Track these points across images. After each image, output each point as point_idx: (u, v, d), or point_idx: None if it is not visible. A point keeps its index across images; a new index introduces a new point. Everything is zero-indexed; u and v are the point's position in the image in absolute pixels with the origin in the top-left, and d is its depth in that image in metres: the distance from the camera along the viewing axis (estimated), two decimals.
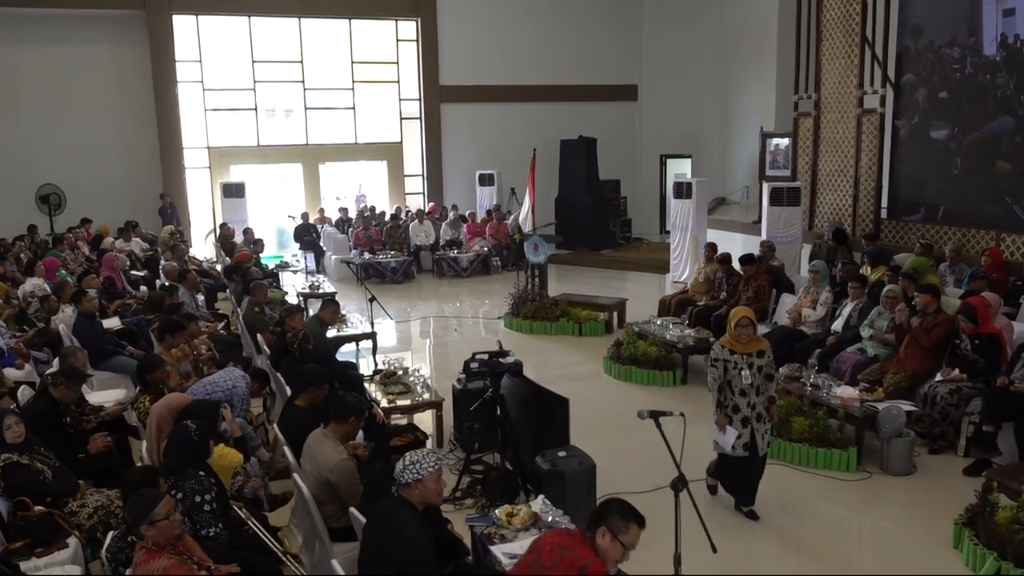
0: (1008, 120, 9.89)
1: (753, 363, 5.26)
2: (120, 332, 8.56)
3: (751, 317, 5.33)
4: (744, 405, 5.30)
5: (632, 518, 3.23)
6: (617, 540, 3.17)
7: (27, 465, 4.63)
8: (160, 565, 3.29)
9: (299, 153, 18.17)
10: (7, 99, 15.80)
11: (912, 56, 11.14)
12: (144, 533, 3.34)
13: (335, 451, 4.31)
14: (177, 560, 3.35)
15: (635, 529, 3.22)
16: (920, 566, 5.00)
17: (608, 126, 19.32)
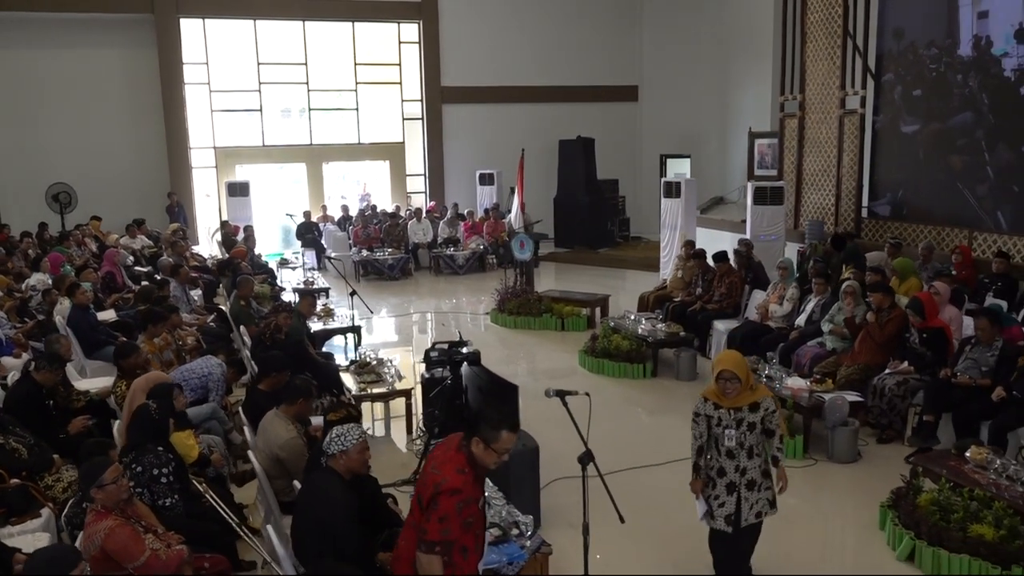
0: (968, 115, 10.16)
1: (743, 419, 4.32)
2: (115, 324, 8.97)
3: (736, 370, 4.29)
4: (731, 468, 4.36)
5: (504, 425, 3.39)
6: (490, 448, 3.37)
7: (1, 444, 5.00)
8: (106, 525, 3.63)
9: (303, 153, 18.60)
10: (20, 100, 16.34)
11: (894, 56, 11.34)
12: (94, 496, 3.69)
13: (285, 430, 4.65)
14: (123, 521, 3.69)
15: (505, 435, 3.38)
16: (845, 547, 5.27)
17: (608, 126, 19.59)
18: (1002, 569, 4.53)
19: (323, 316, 9.78)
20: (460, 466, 3.38)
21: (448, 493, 3.30)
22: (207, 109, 17.66)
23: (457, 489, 3.32)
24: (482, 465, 3.40)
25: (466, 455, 3.40)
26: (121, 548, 3.58)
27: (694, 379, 8.56)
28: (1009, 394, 5.96)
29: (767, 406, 4.37)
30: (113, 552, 3.58)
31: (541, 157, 18.79)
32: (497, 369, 9.03)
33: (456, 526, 3.32)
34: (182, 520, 4.42)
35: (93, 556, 3.62)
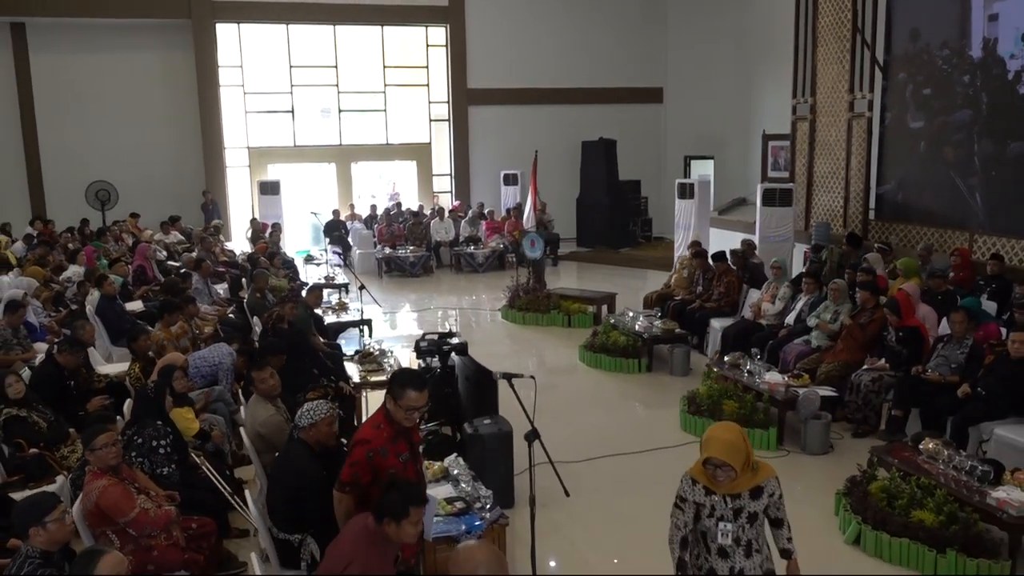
0: (967, 113, 10.36)
1: (743, 508, 3.38)
2: (141, 314, 9.56)
3: (729, 458, 3.29)
4: (725, 569, 3.42)
5: (409, 385, 3.78)
6: (398, 404, 3.77)
7: (24, 417, 5.54)
8: (100, 484, 4.10)
9: (333, 153, 19.20)
10: (64, 102, 17.19)
11: (908, 57, 11.42)
12: (88, 458, 4.17)
13: (264, 409, 5.10)
14: (116, 481, 4.16)
15: (410, 393, 3.76)
16: (799, 530, 5.51)
17: (632, 127, 19.86)
18: (937, 552, 4.79)
19: (337, 309, 10.26)
20: (377, 422, 3.85)
21: (359, 443, 3.77)
22: (241, 110, 18.34)
23: (366, 439, 3.77)
24: (398, 421, 3.80)
25: (383, 413, 3.83)
26: (112, 504, 4.05)
27: (687, 374, 8.85)
28: (974, 390, 6.18)
29: (771, 490, 3.42)
30: (106, 508, 4.05)
31: (564, 158, 19.15)
32: (500, 362, 9.52)
33: (365, 471, 3.72)
34: (178, 488, 4.88)
35: (89, 511, 4.10)
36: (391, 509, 3.35)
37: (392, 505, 3.36)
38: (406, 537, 3.42)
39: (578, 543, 5.46)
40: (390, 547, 3.45)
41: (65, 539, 3.46)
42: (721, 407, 7.06)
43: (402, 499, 3.37)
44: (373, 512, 3.42)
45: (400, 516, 3.35)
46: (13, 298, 8.34)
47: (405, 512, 3.36)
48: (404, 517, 3.36)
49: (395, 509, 3.35)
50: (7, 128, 17.12)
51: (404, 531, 3.38)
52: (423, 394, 3.78)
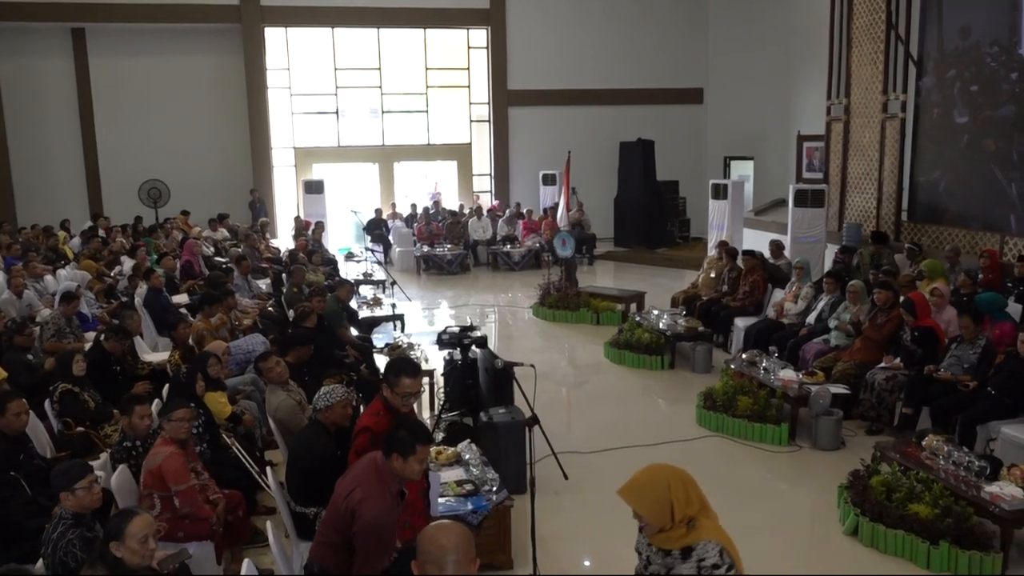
0: (1010, 109, 10.33)
1: (672, 567, 2.99)
2: (187, 306, 10.05)
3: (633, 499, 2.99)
4: None
5: (403, 372, 4.10)
6: (394, 391, 4.06)
7: (77, 394, 5.99)
8: (167, 450, 4.54)
9: (376, 153, 19.68)
10: (119, 104, 17.99)
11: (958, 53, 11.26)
12: (164, 426, 4.64)
13: (276, 396, 5.48)
14: (179, 453, 4.58)
15: (406, 380, 4.07)
16: (801, 521, 5.71)
17: (671, 128, 19.95)
18: (930, 544, 4.92)
19: (372, 304, 10.63)
20: (376, 410, 4.14)
21: (361, 430, 4.07)
22: (288, 112, 18.93)
23: (367, 427, 4.07)
24: (395, 407, 4.08)
25: (382, 401, 4.11)
26: (172, 471, 4.46)
27: (709, 372, 8.99)
28: (982, 388, 6.25)
29: (703, 554, 2.92)
30: (166, 472, 4.46)
31: (602, 159, 19.35)
32: (528, 356, 9.81)
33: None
34: (209, 466, 5.25)
35: (150, 470, 4.53)
36: (399, 445, 3.56)
37: (401, 441, 3.56)
38: (411, 474, 3.61)
39: (583, 527, 5.70)
40: (393, 481, 3.63)
41: (94, 505, 3.81)
42: (736, 403, 7.23)
43: (410, 436, 3.58)
44: (383, 448, 3.64)
45: (407, 452, 3.55)
46: (68, 290, 8.88)
47: (412, 449, 3.56)
48: (411, 454, 3.56)
49: (403, 445, 3.55)
50: (68, 129, 17.97)
51: (410, 467, 3.57)
52: (417, 380, 4.07)
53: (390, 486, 3.60)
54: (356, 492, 3.52)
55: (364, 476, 3.59)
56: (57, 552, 3.60)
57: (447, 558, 2.56)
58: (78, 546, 3.60)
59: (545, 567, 4.89)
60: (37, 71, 17.70)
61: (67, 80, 17.83)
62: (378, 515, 3.47)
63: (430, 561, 2.57)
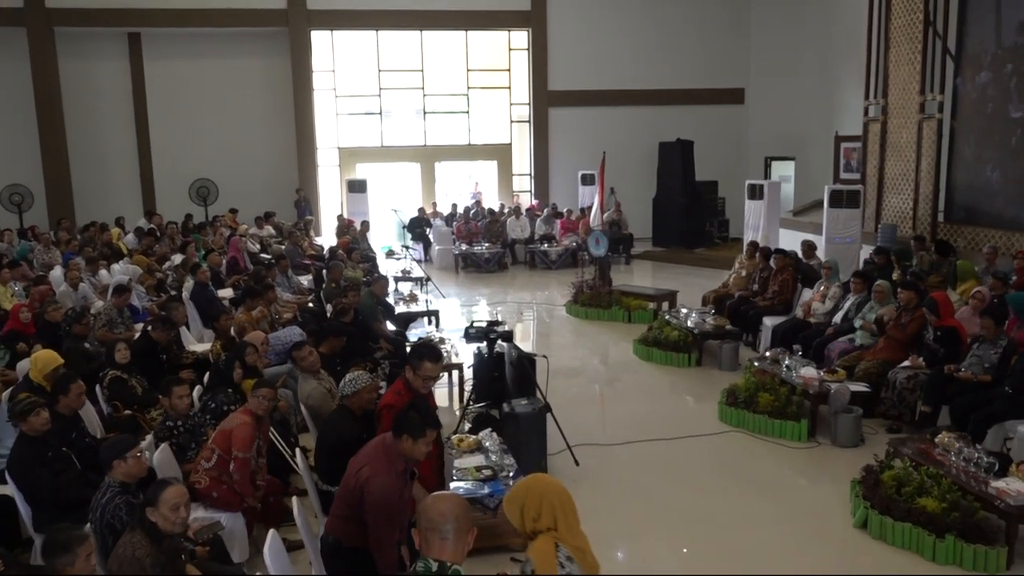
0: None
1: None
2: (231, 300, 10.49)
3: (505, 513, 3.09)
4: None
5: (426, 356, 4.45)
6: (416, 373, 4.38)
7: (124, 380, 6.39)
8: (243, 419, 4.97)
9: (418, 153, 20.08)
10: (172, 106, 18.67)
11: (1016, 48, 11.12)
12: (251, 399, 5.06)
13: (307, 384, 5.80)
14: (251, 425, 4.96)
15: (427, 364, 4.42)
16: (813, 513, 5.83)
17: (712, 128, 19.97)
18: (937, 537, 5.03)
19: (408, 300, 10.95)
20: (398, 389, 4.46)
21: (385, 407, 4.36)
22: (333, 113, 19.42)
23: (390, 405, 4.37)
24: (416, 388, 4.34)
25: (403, 381, 4.38)
26: (241, 437, 4.88)
27: (735, 370, 9.09)
28: (999, 387, 6.30)
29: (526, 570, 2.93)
30: (235, 436, 4.88)
31: (641, 159, 19.47)
32: (558, 353, 10.07)
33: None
34: None
35: (222, 430, 4.98)
36: (410, 427, 3.73)
37: (412, 424, 3.74)
38: (418, 455, 3.78)
39: (598, 516, 5.89)
40: (400, 460, 3.79)
41: (140, 474, 4.16)
42: (757, 399, 7.36)
43: (421, 419, 3.76)
44: (392, 428, 3.83)
45: (417, 434, 3.73)
46: (120, 283, 9.38)
47: (423, 432, 3.74)
48: (421, 436, 3.74)
49: (414, 427, 3.73)
50: (124, 130, 18.71)
51: (418, 448, 3.75)
52: (438, 365, 4.34)
53: (396, 465, 3.80)
54: (364, 470, 3.75)
55: (372, 455, 3.82)
56: (105, 515, 3.96)
57: (446, 525, 2.76)
58: (123, 510, 3.95)
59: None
60: (95, 74, 18.45)
61: (123, 83, 18.56)
62: (383, 492, 3.69)
63: (430, 528, 2.79)
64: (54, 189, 18.01)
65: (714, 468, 6.70)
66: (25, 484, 4.76)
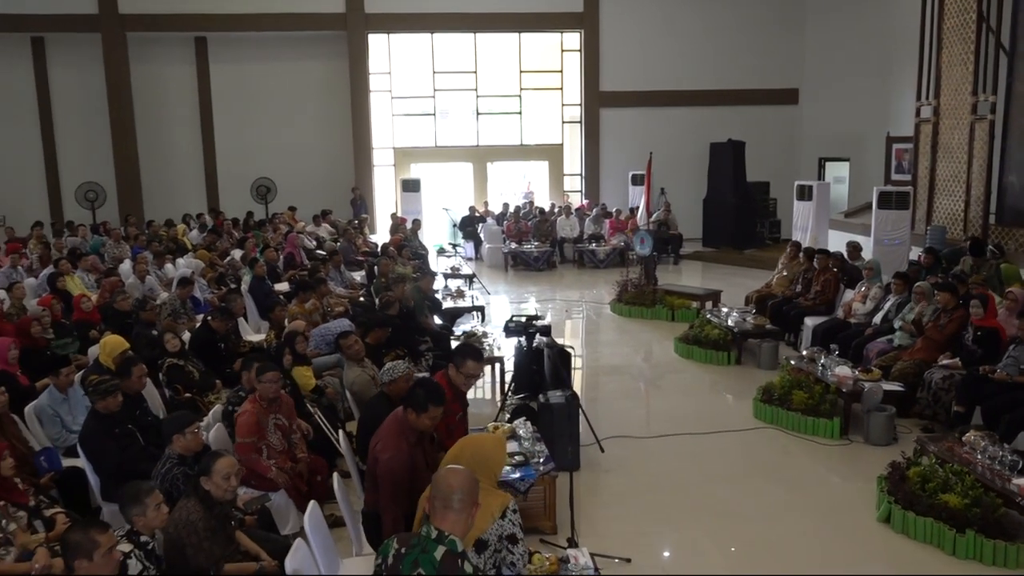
0: None
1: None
2: (287, 293, 10.97)
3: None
4: None
5: (469, 356, 4.77)
6: (459, 371, 4.69)
7: (182, 366, 6.84)
8: (244, 408, 5.33)
9: (471, 153, 20.45)
10: (235, 107, 19.42)
11: None
12: (257, 384, 5.40)
13: (352, 371, 6.14)
14: (253, 412, 5.28)
15: (471, 363, 4.73)
16: (838, 507, 5.95)
17: (764, 129, 19.88)
18: (957, 532, 5.13)
19: (456, 296, 11.28)
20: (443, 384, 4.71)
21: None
22: (388, 113, 19.92)
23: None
24: (456, 384, 4.64)
25: (446, 378, 4.69)
26: (240, 424, 5.24)
27: (774, 368, 9.17)
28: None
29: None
30: (237, 424, 5.24)
31: (692, 159, 19.50)
32: (600, 349, 10.31)
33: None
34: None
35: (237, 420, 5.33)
36: (414, 402, 4.17)
37: (416, 399, 4.17)
38: (423, 426, 4.21)
39: (627, 501, 6.12)
40: (410, 432, 4.22)
41: (196, 448, 4.56)
42: (791, 397, 7.47)
43: (425, 395, 4.19)
44: (402, 403, 4.23)
45: (420, 409, 4.14)
46: (184, 276, 9.94)
47: (425, 407, 4.14)
48: (424, 411, 4.14)
49: (417, 403, 4.15)
50: (191, 130, 19.52)
51: (422, 421, 4.17)
52: (480, 364, 4.72)
53: (407, 435, 4.20)
54: (378, 445, 4.18)
55: (385, 429, 4.25)
56: (164, 484, 4.36)
57: (453, 496, 3.06)
58: (180, 480, 4.35)
59: (587, 538, 5.34)
60: (164, 77, 19.29)
61: (190, 85, 19.35)
62: (392, 458, 4.08)
63: (437, 496, 3.08)
64: (125, 187, 18.90)
65: (744, 462, 6.86)
66: (94, 457, 5.20)
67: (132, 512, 3.69)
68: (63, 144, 19.24)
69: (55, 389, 6.04)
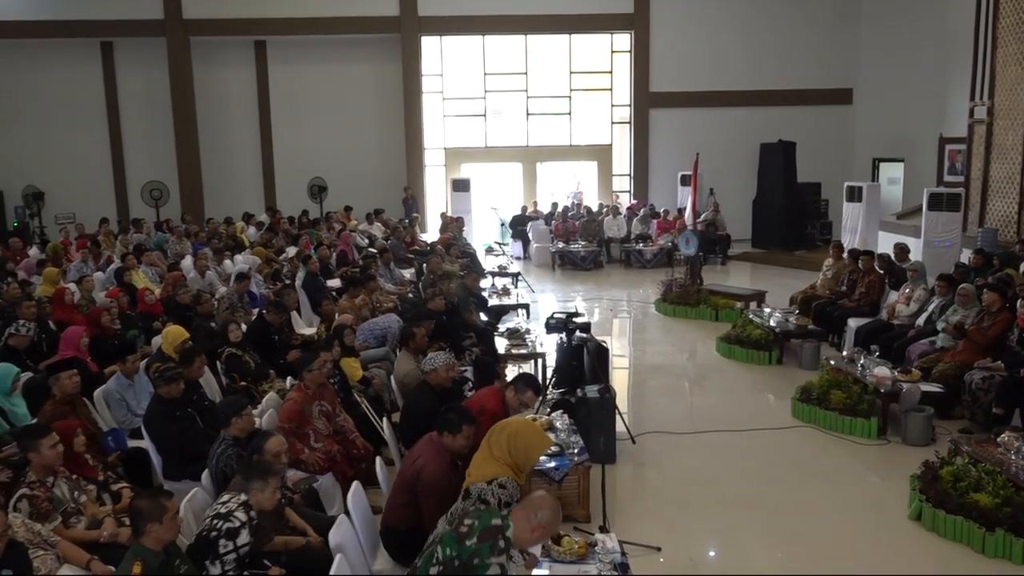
0: None
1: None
2: (339, 289, 11.35)
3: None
4: None
5: (531, 387, 5.04)
6: (516, 396, 4.95)
7: (239, 356, 7.21)
8: (291, 395, 5.62)
9: (520, 153, 20.70)
10: (291, 109, 20.00)
11: None
12: (304, 376, 5.70)
13: (407, 363, 6.40)
14: (297, 401, 5.58)
15: (530, 393, 5.00)
16: (870, 504, 6.02)
17: (816, 129, 19.68)
18: (987, 530, 5.18)
19: (501, 294, 11.53)
20: (497, 401, 5.11)
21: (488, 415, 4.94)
22: (439, 114, 20.29)
23: (495, 412, 4.99)
24: (510, 408, 5.00)
25: (500, 399, 5.04)
26: (284, 411, 5.53)
27: (815, 369, 9.19)
28: None
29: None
30: (281, 411, 5.51)
31: (742, 160, 19.44)
32: (644, 348, 10.49)
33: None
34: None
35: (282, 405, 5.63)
36: (449, 425, 4.48)
37: (450, 422, 4.48)
38: (459, 448, 4.49)
39: (659, 493, 6.30)
40: (447, 453, 4.50)
41: (249, 429, 4.88)
42: (829, 397, 7.54)
43: (458, 419, 4.49)
44: (436, 427, 4.54)
45: (455, 430, 4.45)
46: (241, 271, 10.38)
47: (459, 428, 4.46)
48: (458, 432, 4.45)
49: (452, 425, 4.47)
50: (250, 131, 20.16)
51: (458, 442, 4.48)
52: (537, 396, 5.10)
53: (444, 456, 4.48)
54: (419, 460, 4.43)
55: (424, 448, 4.53)
56: (219, 464, 4.69)
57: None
58: (233, 460, 4.66)
59: (620, 527, 5.53)
60: (225, 80, 19.97)
61: (249, 87, 19.99)
62: (436, 473, 4.35)
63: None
64: (187, 186, 19.62)
65: (778, 459, 6.96)
66: (157, 438, 5.58)
67: (254, 486, 4.01)
68: (129, 144, 20.05)
69: (122, 375, 6.46)
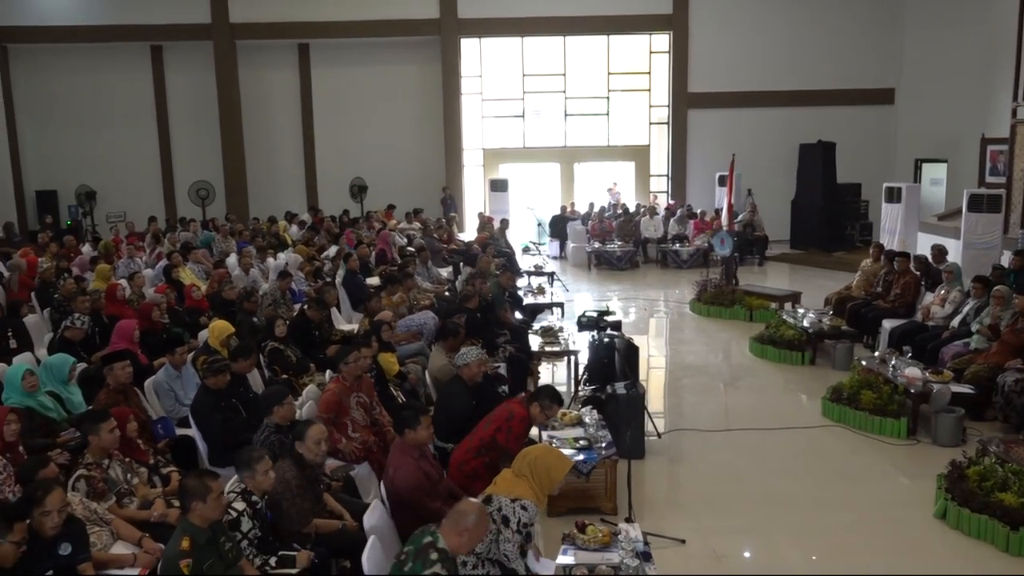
0: None
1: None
2: (378, 286, 11.62)
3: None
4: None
5: (556, 402, 5.22)
6: (543, 411, 5.13)
7: (282, 350, 7.50)
8: (330, 387, 5.85)
9: (558, 154, 20.86)
10: (333, 110, 20.40)
11: None
12: (341, 368, 5.94)
13: (439, 359, 6.63)
14: (340, 390, 5.83)
15: (556, 407, 5.18)
16: (896, 502, 6.09)
17: (856, 129, 19.54)
18: (1011, 529, 5.23)
19: (536, 293, 11.70)
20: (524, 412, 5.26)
21: (519, 419, 5.17)
22: (478, 115, 20.53)
23: (524, 417, 5.20)
24: (535, 419, 5.19)
25: (526, 409, 5.19)
26: (323, 402, 5.79)
27: (848, 369, 9.21)
28: None
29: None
30: (320, 402, 5.77)
31: (781, 160, 19.36)
32: (677, 347, 10.61)
33: (514, 437, 5.12)
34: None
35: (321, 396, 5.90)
36: (405, 422, 4.73)
37: (408, 419, 4.74)
38: (423, 439, 4.75)
39: (687, 489, 6.42)
40: (413, 450, 4.73)
41: (291, 417, 5.15)
42: (859, 397, 7.58)
43: (413, 413, 4.77)
44: (397, 429, 4.83)
45: (414, 424, 4.70)
46: (284, 269, 10.70)
47: (417, 421, 4.72)
48: (417, 424, 4.70)
49: (411, 420, 4.72)
50: (292, 132, 20.64)
51: (420, 435, 4.72)
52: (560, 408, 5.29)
53: (410, 452, 4.69)
54: (390, 470, 4.68)
55: (393, 458, 4.76)
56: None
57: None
58: (276, 446, 4.92)
59: (646, 520, 5.67)
60: (270, 82, 20.45)
61: (293, 89, 20.46)
62: (404, 478, 4.56)
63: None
64: (232, 185, 20.13)
65: (806, 458, 7.04)
66: (203, 426, 5.87)
67: (244, 474, 4.25)
68: (177, 145, 20.64)
69: (170, 367, 6.77)
